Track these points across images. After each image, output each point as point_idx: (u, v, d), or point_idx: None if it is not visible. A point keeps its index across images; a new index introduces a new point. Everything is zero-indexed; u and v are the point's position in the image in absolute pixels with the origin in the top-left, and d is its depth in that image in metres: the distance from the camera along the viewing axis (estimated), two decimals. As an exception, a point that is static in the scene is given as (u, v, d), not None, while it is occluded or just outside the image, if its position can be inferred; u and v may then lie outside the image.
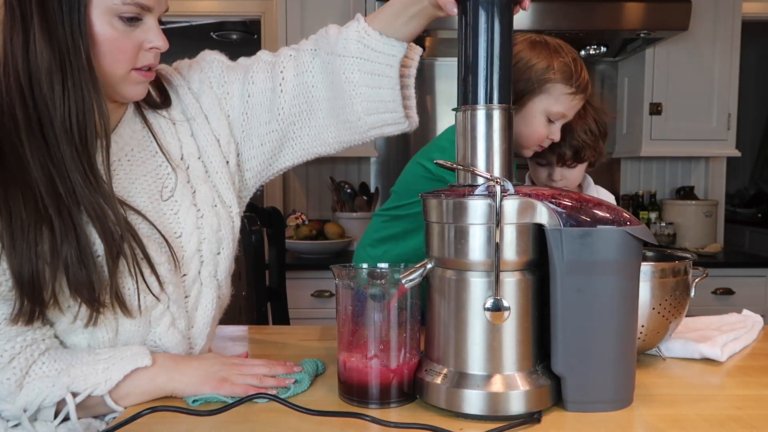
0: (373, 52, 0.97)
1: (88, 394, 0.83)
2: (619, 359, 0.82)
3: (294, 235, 2.73)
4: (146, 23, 0.88)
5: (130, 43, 0.87)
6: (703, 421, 0.80)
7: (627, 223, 0.80)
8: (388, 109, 1.00)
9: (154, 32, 0.89)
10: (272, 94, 1.03)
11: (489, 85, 0.83)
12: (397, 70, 0.98)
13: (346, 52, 0.98)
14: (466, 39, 0.85)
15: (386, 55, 0.97)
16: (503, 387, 0.80)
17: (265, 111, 1.03)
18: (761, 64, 4.41)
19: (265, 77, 1.03)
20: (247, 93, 1.03)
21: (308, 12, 2.65)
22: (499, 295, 0.79)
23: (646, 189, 3.13)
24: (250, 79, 1.03)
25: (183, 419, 0.81)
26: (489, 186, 0.81)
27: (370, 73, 0.98)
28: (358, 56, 0.97)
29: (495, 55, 0.83)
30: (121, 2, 0.84)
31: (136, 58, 0.89)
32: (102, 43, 0.85)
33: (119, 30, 0.86)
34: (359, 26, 0.98)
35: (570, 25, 2.49)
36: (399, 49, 0.97)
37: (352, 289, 0.86)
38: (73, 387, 0.84)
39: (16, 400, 0.83)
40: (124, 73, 0.89)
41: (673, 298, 0.96)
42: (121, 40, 0.86)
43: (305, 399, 0.87)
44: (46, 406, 0.83)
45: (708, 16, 2.75)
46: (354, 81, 0.98)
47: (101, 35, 0.85)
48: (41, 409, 0.84)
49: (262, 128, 1.04)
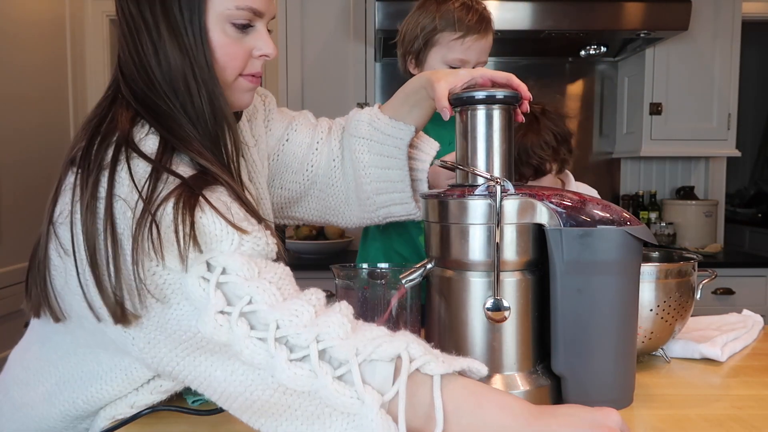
0: (382, 135, 1.04)
1: (422, 363, 0.66)
2: (619, 359, 0.82)
3: (294, 235, 2.73)
4: (257, 30, 0.87)
5: (242, 49, 0.86)
6: (703, 421, 0.80)
7: (627, 223, 0.80)
8: (396, 189, 1.06)
9: (264, 40, 0.87)
10: (308, 149, 1.09)
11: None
12: (404, 153, 1.04)
13: (357, 133, 1.06)
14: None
15: (394, 137, 1.04)
16: (503, 387, 0.80)
17: (297, 161, 1.09)
18: (761, 64, 4.41)
19: (306, 132, 1.10)
20: (286, 137, 1.09)
21: (308, 12, 2.65)
22: (499, 295, 0.79)
23: (646, 189, 3.13)
24: (293, 127, 1.10)
25: (183, 419, 0.81)
26: (489, 186, 0.81)
27: (379, 154, 1.05)
28: (368, 138, 1.05)
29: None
30: (235, 8, 0.82)
31: (245, 65, 0.87)
32: (215, 49, 0.83)
33: (231, 36, 0.84)
34: (371, 111, 1.06)
35: (570, 25, 2.49)
36: (406, 132, 1.03)
37: (352, 289, 0.86)
38: (410, 349, 0.67)
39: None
40: (232, 79, 0.87)
41: (676, 299, 0.96)
42: (232, 47, 0.85)
43: (305, 399, 0.87)
44: (381, 358, 0.66)
45: (708, 16, 2.75)
46: (364, 161, 1.05)
47: (215, 41, 0.83)
48: (375, 366, 0.66)
49: (288, 175, 1.10)
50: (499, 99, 0.83)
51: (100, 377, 0.80)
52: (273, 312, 0.67)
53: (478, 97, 0.84)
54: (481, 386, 0.68)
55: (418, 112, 1.03)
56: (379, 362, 0.66)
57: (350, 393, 0.64)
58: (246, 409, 0.69)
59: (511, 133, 0.84)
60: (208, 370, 0.70)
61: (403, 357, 0.66)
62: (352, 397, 0.64)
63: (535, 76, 3.06)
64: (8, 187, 2.43)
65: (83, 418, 0.83)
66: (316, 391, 0.65)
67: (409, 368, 0.65)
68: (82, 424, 0.84)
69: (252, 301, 0.68)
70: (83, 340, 0.81)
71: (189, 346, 0.70)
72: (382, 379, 0.66)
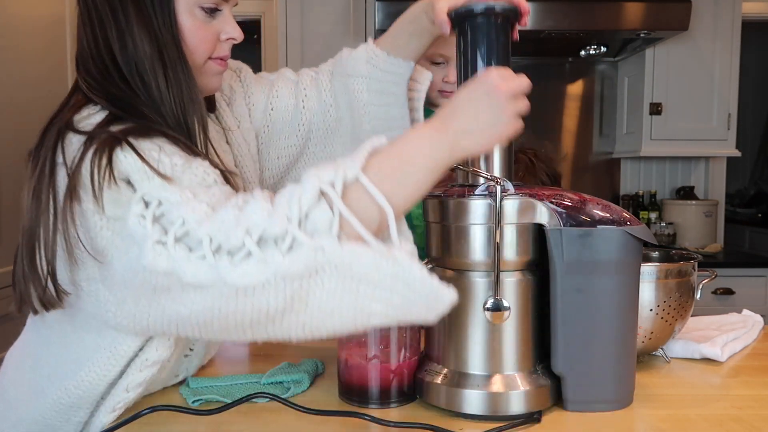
0: (380, 72, 1.02)
1: (341, 180, 0.67)
2: (619, 359, 0.82)
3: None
4: (224, 14, 0.90)
5: (210, 33, 0.88)
6: (703, 421, 0.80)
7: (627, 223, 0.80)
8: (397, 126, 1.04)
9: (231, 24, 0.91)
10: (295, 110, 1.08)
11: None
12: (404, 89, 1.03)
13: (355, 72, 1.03)
14: (465, 60, 0.85)
15: (393, 74, 1.02)
16: (503, 387, 0.80)
17: (287, 125, 1.08)
18: (761, 64, 4.41)
19: (288, 93, 1.08)
20: (271, 106, 1.07)
21: (308, 12, 2.65)
22: (499, 295, 0.79)
23: (646, 189, 3.13)
24: (275, 93, 1.08)
25: (183, 419, 0.81)
26: (489, 186, 0.81)
27: (378, 91, 1.03)
28: (366, 76, 1.03)
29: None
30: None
31: (213, 48, 0.89)
32: (184, 33, 0.85)
33: (200, 20, 0.86)
34: (368, 48, 1.04)
35: (570, 25, 2.49)
36: (405, 68, 1.02)
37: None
38: (322, 180, 0.68)
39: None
40: (202, 62, 0.89)
41: (677, 299, 0.96)
42: (201, 30, 0.87)
43: (305, 399, 0.87)
44: (309, 206, 0.66)
45: (708, 16, 2.75)
46: (363, 99, 1.03)
47: (184, 25, 0.85)
48: (310, 216, 0.66)
49: (281, 142, 1.08)
50: (498, 11, 0.82)
51: (87, 359, 0.82)
52: (202, 227, 0.67)
53: (476, 9, 0.83)
54: (388, 151, 0.71)
55: (417, 42, 1.01)
56: (311, 210, 0.66)
57: (306, 252, 0.64)
58: (226, 328, 0.68)
59: (511, 133, 0.84)
60: (172, 308, 0.69)
61: (324, 189, 0.66)
62: (310, 256, 0.64)
63: (535, 76, 3.05)
64: (8, 188, 2.43)
65: (78, 407, 0.84)
66: (275, 275, 0.64)
67: (336, 193, 0.66)
68: (77, 415, 0.85)
69: (184, 222, 0.68)
70: (69, 327, 0.83)
71: (146, 291, 0.70)
72: (324, 221, 0.66)
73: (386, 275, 0.64)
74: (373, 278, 0.64)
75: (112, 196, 0.72)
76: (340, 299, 0.65)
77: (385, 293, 0.65)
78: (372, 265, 0.64)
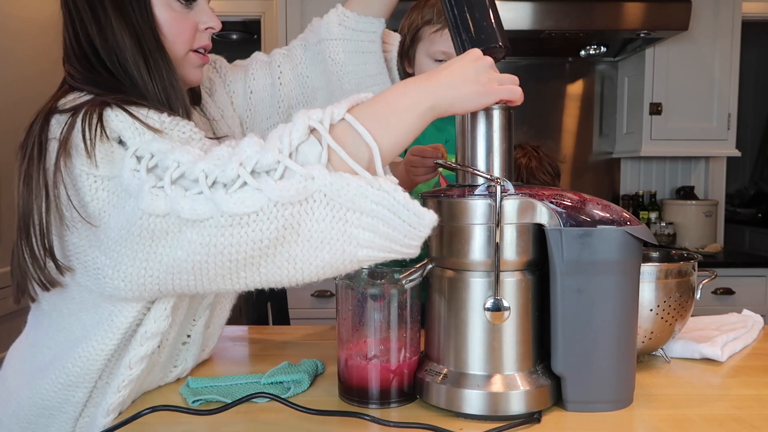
0: (353, 32, 1.05)
1: (329, 118, 0.70)
2: (619, 359, 0.82)
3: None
4: (200, 4, 0.92)
5: (188, 23, 0.90)
6: (703, 421, 0.80)
7: (627, 223, 0.80)
8: (376, 82, 1.07)
9: (208, 13, 0.93)
10: (272, 89, 1.10)
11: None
12: (379, 45, 1.07)
13: (329, 35, 1.06)
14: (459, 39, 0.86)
15: (366, 32, 1.06)
16: (503, 387, 0.80)
17: (267, 105, 1.10)
18: (761, 64, 4.41)
19: (264, 73, 1.11)
20: (250, 90, 1.10)
21: (308, 12, 2.65)
22: (499, 295, 0.79)
23: (646, 189, 3.13)
24: (251, 76, 1.11)
25: (183, 419, 0.81)
26: (489, 186, 0.81)
27: (354, 51, 1.06)
28: (340, 38, 1.06)
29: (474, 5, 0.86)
30: None
31: (193, 39, 0.92)
32: (162, 24, 0.88)
33: (177, 11, 0.89)
34: (338, 11, 1.07)
35: (570, 25, 2.49)
36: (377, 25, 1.06)
37: (352, 289, 0.86)
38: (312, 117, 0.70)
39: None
40: (183, 54, 0.91)
41: (677, 299, 0.96)
42: (179, 21, 0.89)
43: (305, 399, 0.87)
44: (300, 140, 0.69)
45: (708, 16, 2.75)
46: (340, 61, 1.06)
47: (162, 18, 0.88)
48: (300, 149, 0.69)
49: (264, 123, 1.11)
50: None
51: (85, 337, 0.83)
52: (197, 165, 0.69)
53: None
54: (375, 98, 0.74)
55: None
56: (301, 145, 0.69)
57: (297, 180, 0.66)
58: (221, 270, 0.70)
59: (511, 132, 0.84)
60: (169, 254, 0.71)
61: (314, 125, 0.69)
62: (300, 183, 0.66)
63: (535, 76, 3.06)
64: (8, 187, 2.43)
65: (75, 386, 0.85)
66: (269, 202, 0.66)
67: (324, 128, 0.69)
68: (75, 394, 0.86)
69: (179, 164, 0.70)
70: (65, 310, 0.84)
71: (143, 241, 0.71)
72: (314, 152, 0.68)
73: (372, 201, 0.67)
74: (360, 205, 0.67)
75: (105, 153, 0.75)
76: (329, 227, 0.67)
77: (372, 220, 0.68)
78: (359, 191, 0.67)
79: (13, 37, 2.49)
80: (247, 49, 1.34)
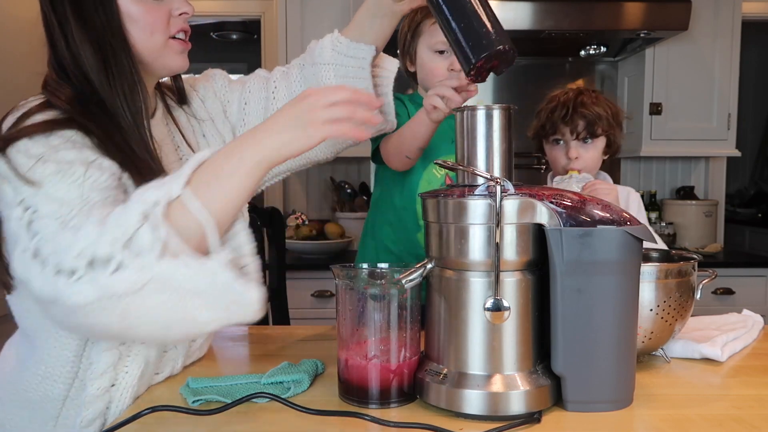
0: (345, 57, 1.09)
1: (166, 201, 0.74)
2: (619, 359, 0.82)
3: (294, 235, 2.73)
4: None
5: (160, 13, 0.92)
6: (703, 421, 0.80)
7: (627, 223, 0.80)
8: None
9: (179, 0, 0.94)
10: (266, 102, 1.13)
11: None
12: (368, 72, 1.09)
13: (322, 59, 1.10)
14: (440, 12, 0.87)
15: (357, 58, 1.09)
16: (503, 387, 0.80)
17: (260, 117, 1.12)
18: (761, 64, 4.41)
19: (260, 87, 1.14)
20: (245, 101, 1.13)
21: (308, 12, 2.65)
22: (499, 295, 0.79)
23: (646, 189, 3.13)
24: (247, 89, 1.14)
25: (183, 419, 0.81)
26: (489, 186, 0.81)
27: (344, 76, 1.09)
28: (332, 62, 1.09)
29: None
30: None
31: (168, 26, 0.93)
32: (136, 20, 0.90)
33: (147, 3, 0.91)
34: (333, 36, 1.10)
35: (570, 25, 2.48)
36: (367, 51, 1.09)
37: (352, 289, 0.86)
38: (145, 200, 0.75)
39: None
40: (163, 42, 0.93)
41: (676, 299, 0.96)
42: (152, 13, 0.91)
43: (305, 399, 0.87)
44: (129, 234, 0.72)
45: (708, 16, 2.75)
46: (331, 85, 1.08)
47: (132, 13, 0.90)
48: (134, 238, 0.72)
49: None
50: None
51: (54, 331, 0.88)
52: (48, 246, 0.73)
53: None
54: (209, 162, 0.79)
55: (380, 23, 1.08)
56: (135, 233, 0.71)
57: (130, 272, 0.70)
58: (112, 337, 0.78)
59: (510, 133, 0.84)
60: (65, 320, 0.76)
61: (147, 211, 0.73)
62: (133, 276, 0.70)
63: (535, 76, 3.05)
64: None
65: (54, 378, 0.89)
66: (103, 295, 0.70)
67: (158, 213, 0.73)
68: (54, 389, 0.89)
69: (40, 239, 0.73)
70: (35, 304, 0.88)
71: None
72: (147, 241, 0.71)
73: (202, 284, 0.72)
74: (191, 289, 0.71)
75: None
76: (167, 312, 0.72)
77: (206, 300, 0.72)
78: (187, 277, 0.71)
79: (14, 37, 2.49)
80: (247, 49, 1.35)
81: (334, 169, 3.08)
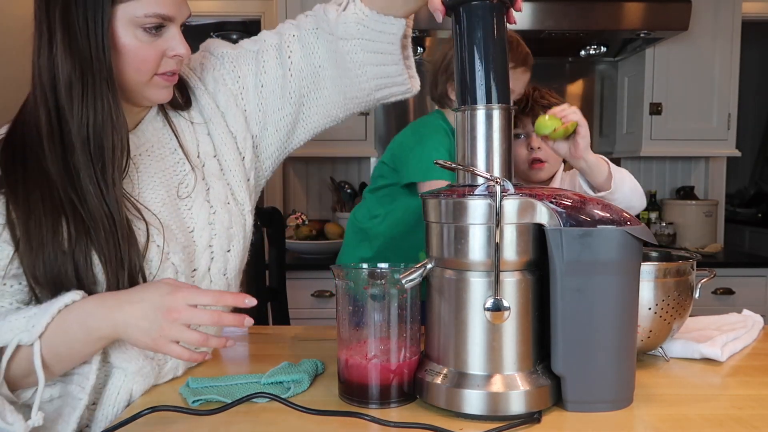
0: (374, 32, 1.00)
1: (16, 344, 0.81)
2: (619, 359, 0.82)
3: (294, 235, 2.73)
4: (169, 31, 0.91)
5: (153, 51, 0.90)
6: (703, 421, 0.80)
7: (627, 223, 0.80)
8: (396, 82, 1.05)
9: (176, 40, 0.91)
10: (283, 80, 1.07)
11: (487, 85, 0.83)
12: (398, 47, 1.02)
13: (347, 35, 1.01)
14: (462, 46, 0.85)
15: (387, 33, 1.00)
16: (503, 387, 0.80)
17: (278, 98, 1.08)
18: (761, 64, 4.40)
19: (275, 64, 1.07)
20: (260, 83, 1.07)
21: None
22: (499, 295, 0.79)
23: (646, 189, 3.12)
24: (261, 69, 1.07)
25: (183, 419, 0.81)
26: (489, 186, 0.81)
27: (374, 51, 1.01)
28: (359, 38, 1.00)
29: (490, 58, 0.83)
30: (143, 15, 0.87)
31: (158, 65, 0.91)
32: (126, 53, 0.88)
33: (143, 40, 0.88)
34: (356, 8, 1.00)
35: (570, 25, 2.49)
36: (398, 26, 0.99)
37: (352, 289, 0.86)
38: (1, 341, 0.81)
39: None
40: (147, 79, 0.92)
41: (675, 298, 0.96)
42: (144, 50, 0.89)
43: (305, 399, 0.87)
44: None
45: (708, 16, 2.75)
46: (359, 61, 1.02)
47: (125, 46, 0.88)
48: None
49: (276, 115, 1.09)
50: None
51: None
52: None
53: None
54: (64, 316, 0.82)
55: (414, 4, 0.98)
56: None
57: None
58: None
59: (510, 133, 0.84)
60: None
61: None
62: None
63: (535, 76, 3.05)
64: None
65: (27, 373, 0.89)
66: None
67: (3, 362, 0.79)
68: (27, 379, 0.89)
69: None
70: None
71: None
72: None
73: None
74: None
75: None
76: None
77: None
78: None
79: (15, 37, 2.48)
80: (247, 49, 1.33)
81: (334, 169, 3.08)
